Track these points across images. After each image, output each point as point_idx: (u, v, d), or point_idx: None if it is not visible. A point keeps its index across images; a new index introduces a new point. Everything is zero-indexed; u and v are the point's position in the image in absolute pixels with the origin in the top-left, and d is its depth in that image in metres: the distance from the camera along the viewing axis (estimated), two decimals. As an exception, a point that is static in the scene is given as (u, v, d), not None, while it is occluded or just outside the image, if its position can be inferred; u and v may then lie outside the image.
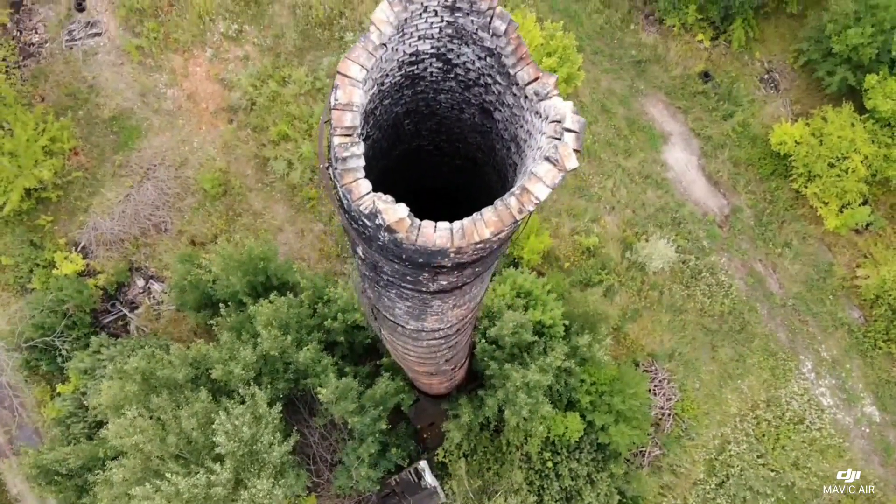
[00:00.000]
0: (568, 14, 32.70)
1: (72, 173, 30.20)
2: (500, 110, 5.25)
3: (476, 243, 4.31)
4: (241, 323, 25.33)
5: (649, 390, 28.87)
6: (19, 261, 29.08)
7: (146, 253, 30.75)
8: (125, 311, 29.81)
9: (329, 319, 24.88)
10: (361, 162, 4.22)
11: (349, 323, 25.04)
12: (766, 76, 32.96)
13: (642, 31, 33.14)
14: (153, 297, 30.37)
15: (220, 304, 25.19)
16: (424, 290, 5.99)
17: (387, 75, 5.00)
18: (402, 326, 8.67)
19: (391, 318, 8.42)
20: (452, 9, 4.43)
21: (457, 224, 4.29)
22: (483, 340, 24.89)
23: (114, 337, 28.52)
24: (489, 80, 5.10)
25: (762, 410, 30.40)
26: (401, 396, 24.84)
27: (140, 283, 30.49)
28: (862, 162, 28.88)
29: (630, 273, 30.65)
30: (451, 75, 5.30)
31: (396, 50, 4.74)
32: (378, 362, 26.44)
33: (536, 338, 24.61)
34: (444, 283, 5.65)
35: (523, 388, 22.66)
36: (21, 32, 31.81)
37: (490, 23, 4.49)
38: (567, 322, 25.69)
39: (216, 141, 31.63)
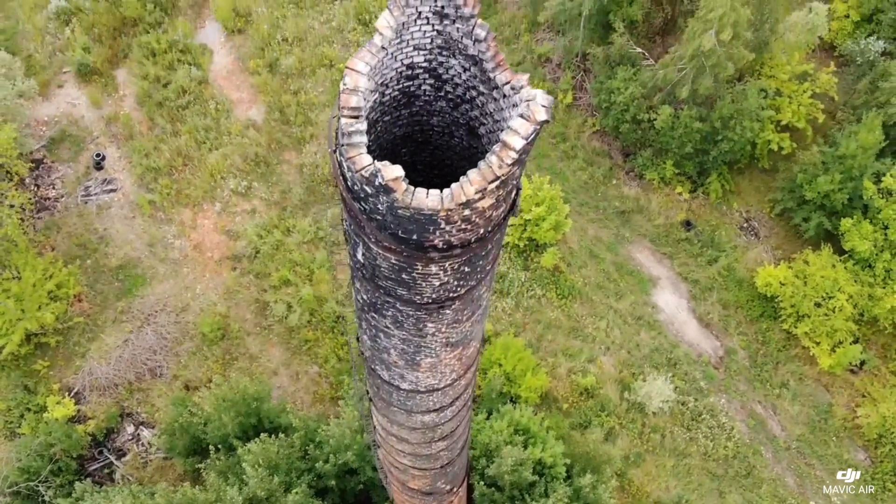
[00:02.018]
0: (553, 171, 35.11)
1: (73, 319, 30.69)
2: (484, 123, 6.03)
3: (463, 204, 4.88)
4: (230, 466, 24.65)
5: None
6: (11, 405, 28.72)
7: (139, 398, 30.41)
8: (112, 458, 28.92)
9: (321, 462, 24.23)
10: (364, 139, 4.92)
11: (341, 465, 24.32)
12: (745, 224, 34.72)
13: (624, 186, 35.40)
14: (142, 443, 29.60)
15: (210, 448, 24.66)
16: (419, 298, 6.37)
17: (387, 86, 5.83)
18: (397, 389, 8.80)
19: (386, 376, 8.59)
20: (441, 15, 5.38)
21: (446, 190, 4.93)
22: (481, 483, 24.07)
23: (98, 485, 27.43)
24: (474, 93, 5.93)
25: (780, 564, 28.60)
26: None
27: (130, 429, 29.85)
28: (847, 301, 29.67)
29: (630, 415, 30.22)
30: (442, 93, 6.15)
31: (395, 59, 5.63)
32: (371, 510, 25.30)
33: (537, 478, 23.83)
34: (437, 281, 6.05)
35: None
36: (39, 187, 33.83)
37: (472, 30, 5.42)
38: (568, 462, 24.98)
39: (218, 287, 32.52)
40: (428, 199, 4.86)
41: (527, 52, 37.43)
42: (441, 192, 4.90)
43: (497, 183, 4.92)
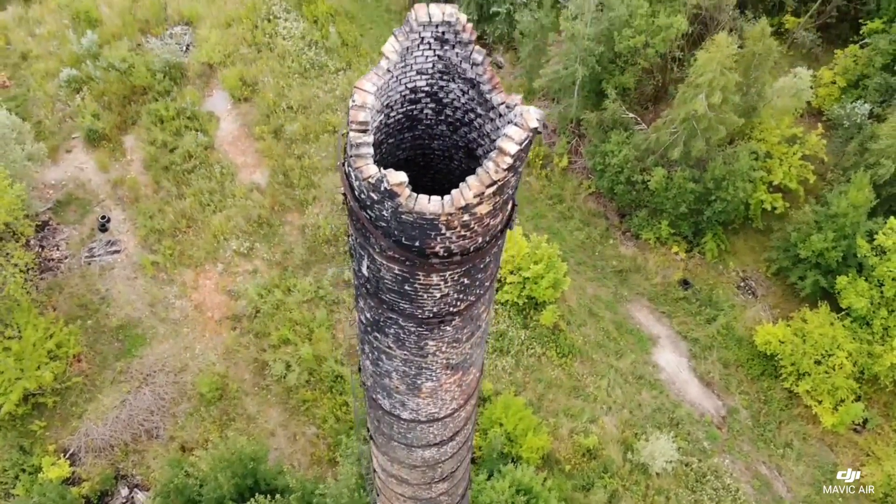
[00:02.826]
0: (551, 231, 35.67)
1: (72, 379, 30.56)
2: (482, 144, 6.41)
3: (462, 208, 5.20)
4: (226, 529, 24.15)
5: None
6: (6, 466, 28.29)
7: (135, 460, 29.96)
8: (104, 522, 28.24)
9: (318, 523, 23.77)
10: (371, 150, 5.29)
11: (340, 525, 23.82)
12: (742, 284, 35.03)
13: (621, 245, 35.91)
14: (135, 506, 28.98)
15: (206, 510, 24.21)
16: (420, 312, 6.59)
17: (392, 108, 6.25)
18: (398, 419, 8.87)
19: (387, 405, 8.68)
20: (442, 41, 5.85)
21: (446, 196, 5.27)
22: (483, 546, 23.54)
23: (88, 550, 26.75)
24: (472, 116, 6.34)
25: None
26: None
27: (124, 491, 29.28)
28: (847, 358, 29.67)
29: (633, 476, 29.71)
30: (442, 117, 6.56)
31: (400, 82, 6.07)
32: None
33: (539, 539, 23.33)
34: (438, 293, 6.29)
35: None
36: (43, 248, 34.28)
37: (470, 54, 5.88)
38: (571, 523, 24.49)
39: (218, 347, 32.51)
40: (430, 204, 5.21)
41: (523, 117, 38.55)
42: (442, 197, 5.25)
43: (494, 188, 5.26)
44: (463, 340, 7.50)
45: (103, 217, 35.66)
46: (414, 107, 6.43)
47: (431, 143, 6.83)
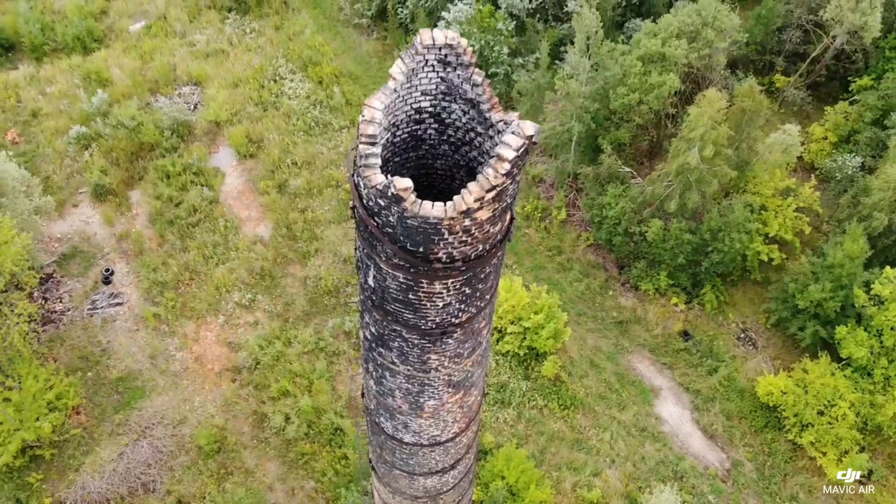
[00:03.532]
0: (551, 282, 35.97)
1: (70, 431, 30.34)
2: (482, 163, 6.79)
3: (463, 212, 5.52)
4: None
5: None
6: (-1, 519, 27.80)
7: (130, 515, 29.43)
8: (96, 580, 27.55)
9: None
10: (378, 161, 5.66)
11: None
12: (742, 335, 35.09)
13: (620, 297, 36.14)
14: (129, 563, 28.31)
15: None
16: (423, 323, 6.81)
17: (398, 127, 6.64)
18: (400, 444, 8.95)
19: (390, 429, 8.77)
20: (444, 63, 6.29)
21: (449, 202, 5.61)
22: None
23: None
24: (473, 135, 6.73)
25: None
26: None
27: (118, 547, 28.64)
28: (850, 408, 29.50)
29: (638, 531, 29.13)
30: (445, 137, 6.95)
31: (405, 102, 6.48)
32: None
33: None
34: (441, 302, 6.53)
35: None
36: (47, 300, 34.51)
37: (471, 76, 6.32)
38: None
39: (217, 399, 32.36)
40: (433, 209, 5.55)
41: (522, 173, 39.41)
42: (445, 203, 5.60)
43: (493, 193, 5.61)
44: (465, 356, 7.72)
45: (107, 270, 36.06)
46: (418, 126, 6.85)
47: (434, 162, 7.22)
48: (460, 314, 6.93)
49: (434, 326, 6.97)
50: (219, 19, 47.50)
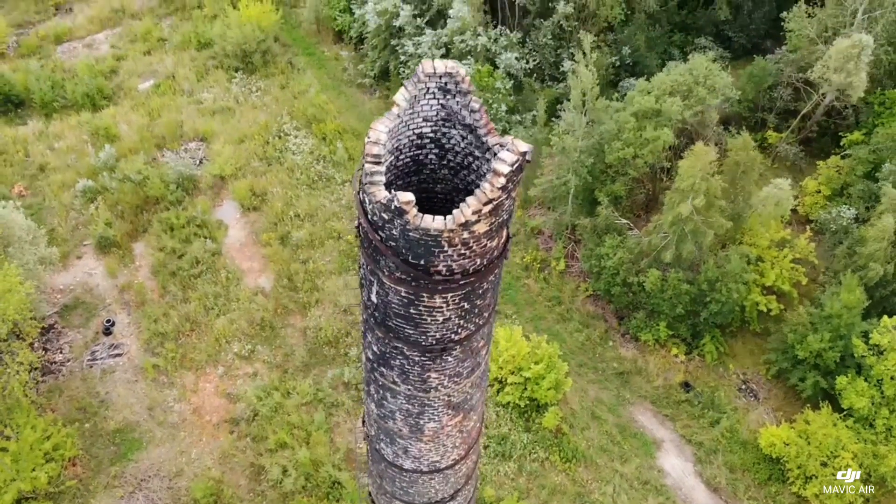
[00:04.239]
0: (551, 333, 36.04)
1: (66, 483, 29.92)
2: (479, 186, 7.16)
3: (462, 225, 5.85)
4: None
5: None
6: (-11, 574, 27.15)
7: (122, 571, 28.77)
8: None
9: None
10: (383, 178, 6.02)
11: None
12: (743, 386, 34.97)
13: (620, 347, 36.16)
14: None
15: None
16: (424, 339, 7.03)
17: (401, 151, 7.03)
18: (400, 471, 9.01)
19: (390, 455, 8.85)
20: (444, 90, 6.71)
21: (448, 216, 5.96)
22: None
23: None
24: (471, 159, 7.11)
25: None
26: None
27: None
28: (853, 459, 29.20)
29: (642, 589, 28.40)
30: (445, 161, 7.33)
31: (408, 127, 6.89)
32: None
33: None
34: (441, 317, 6.77)
35: None
36: (47, 351, 34.55)
37: (469, 103, 6.74)
38: None
39: (214, 451, 32.03)
40: (434, 221, 5.89)
41: (521, 225, 40.05)
42: (444, 217, 5.95)
43: (490, 206, 5.96)
44: (464, 375, 7.92)
45: (108, 321, 36.21)
46: (420, 152, 7.27)
47: (435, 186, 7.61)
48: (459, 330, 7.19)
49: (434, 343, 7.21)
50: (226, 79, 48.98)
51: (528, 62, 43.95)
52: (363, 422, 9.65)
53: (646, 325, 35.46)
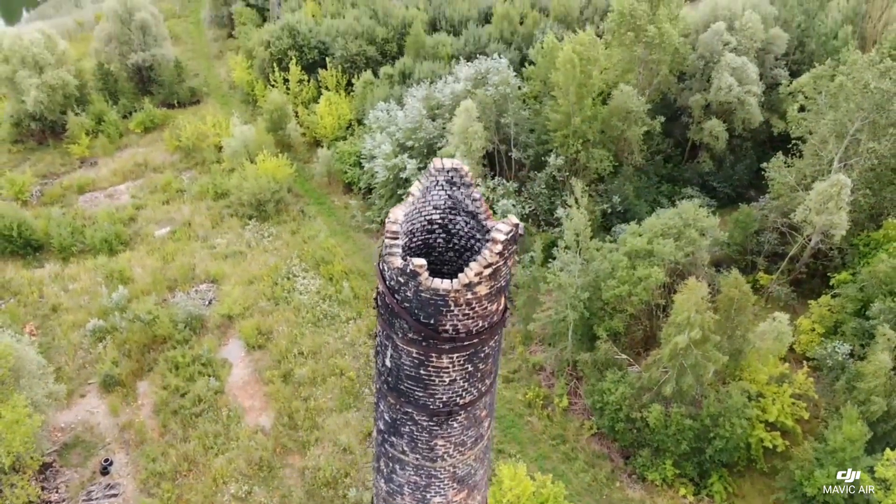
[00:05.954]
0: (556, 473, 35.36)
1: None
2: (481, 266, 8.18)
3: (466, 285, 6.77)
4: None
5: None
6: None
7: None
8: None
9: None
10: (400, 250, 7.04)
11: None
12: (756, 529, 33.74)
13: (627, 488, 35.30)
14: None
15: None
16: (432, 402, 7.65)
17: (414, 234, 8.07)
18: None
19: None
20: (451, 182, 7.89)
21: (455, 279, 6.92)
22: None
23: None
24: (473, 242, 8.14)
25: None
26: None
27: None
28: None
29: None
30: (451, 245, 8.35)
31: (420, 213, 7.99)
32: None
33: None
34: (447, 377, 7.44)
35: None
36: (43, 490, 33.79)
37: (471, 193, 7.92)
38: None
39: None
40: (442, 283, 6.87)
41: (522, 361, 40.55)
42: (451, 280, 6.94)
43: (490, 270, 6.94)
44: (468, 446, 8.46)
45: (106, 460, 35.73)
46: (430, 236, 8.38)
47: (442, 268, 8.64)
48: (464, 394, 7.89)
49: (441, 406, 7.88)
50: (239, 225, 51.60)
51: (524, 208, 46.57)
52: (372, 502, 9.94)
53: (652, 463, 34.90)
